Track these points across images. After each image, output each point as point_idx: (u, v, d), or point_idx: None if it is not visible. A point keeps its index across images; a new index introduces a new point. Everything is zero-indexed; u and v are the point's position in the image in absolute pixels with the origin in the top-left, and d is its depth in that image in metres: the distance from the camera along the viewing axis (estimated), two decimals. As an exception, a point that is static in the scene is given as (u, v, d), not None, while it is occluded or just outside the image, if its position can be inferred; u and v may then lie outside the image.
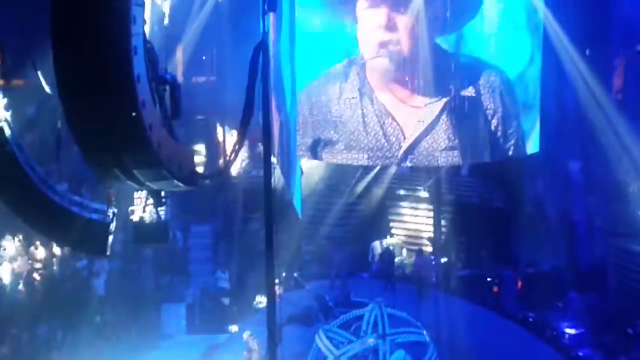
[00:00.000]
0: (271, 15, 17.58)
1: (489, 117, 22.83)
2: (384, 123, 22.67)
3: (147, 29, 9.41)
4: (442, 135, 22.67)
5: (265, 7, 17.49)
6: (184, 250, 27.23)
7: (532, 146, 24.03)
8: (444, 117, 22.56)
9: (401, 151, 22.86)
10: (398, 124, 22.66)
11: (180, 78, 27.17)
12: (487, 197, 28.40)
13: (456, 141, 22.66)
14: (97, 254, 15.39)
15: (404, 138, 22.72)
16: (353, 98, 22.63)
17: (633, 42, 25.84)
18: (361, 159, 23.16)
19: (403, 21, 22.26)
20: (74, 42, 8.08)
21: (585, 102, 25.86)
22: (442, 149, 22.77)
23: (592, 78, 25.26)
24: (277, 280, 19.74)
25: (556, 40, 23.98)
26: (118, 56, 8.12)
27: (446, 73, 22.49)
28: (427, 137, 22.66)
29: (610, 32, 26.45)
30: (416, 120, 22.63)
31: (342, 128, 22.80)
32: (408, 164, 23.46)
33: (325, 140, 22.96)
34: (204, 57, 31.04)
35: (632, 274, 24.80)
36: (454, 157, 23.01)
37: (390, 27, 22.33)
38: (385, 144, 22.81)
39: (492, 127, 22.92)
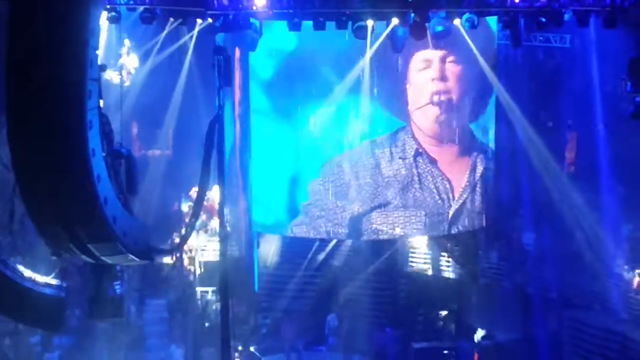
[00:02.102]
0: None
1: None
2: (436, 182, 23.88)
3: (102, 103, 9.45)
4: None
5: (221, 81, 17.74)
6: (139, 325, 26.87)
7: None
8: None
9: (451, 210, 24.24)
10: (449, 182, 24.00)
11: (135, 152, 27.20)
12: (442, 269, 28.45)
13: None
14: (52, 330, 15.19)
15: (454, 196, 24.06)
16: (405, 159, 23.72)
17: (585, 116, 26.27)
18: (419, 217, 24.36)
19: (452, 70, 23.23)
20: (28, 116, 8.06)
21: (539, 174, 26.22)
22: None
23: (544, 151, 25.66)
24: (234, 355, 19.57)
25: (510, 113, 24.41)
26: (73, 130, 8.13)
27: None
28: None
29: (562, 106, 26.92)
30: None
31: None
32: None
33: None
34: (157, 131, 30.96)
35: (587, 345, 24.88)
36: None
37: (442, 77, 23.32)
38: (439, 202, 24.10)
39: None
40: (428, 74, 23.45)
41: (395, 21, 19.02)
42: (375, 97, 23.25)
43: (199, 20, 20.19)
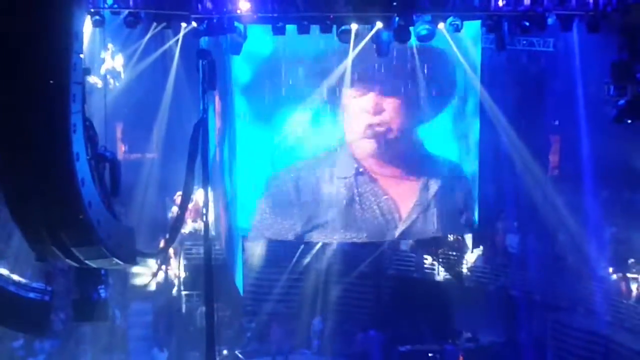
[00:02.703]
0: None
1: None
2: (380, 201, 23.26)
3: (86, 107, 9.45)
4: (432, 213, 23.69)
5: (205, 85, 17.74)
6: (123, 329, 26.81)
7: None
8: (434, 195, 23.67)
9: (397, 231, 23.74)
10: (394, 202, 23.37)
11: (120, 155, 27.17)
12: (427, 272, 28.53)
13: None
14: (37, 334, 15.16)
15: (400, 217, 23.43)
16: (346, 178, 23.13)
17: (568, 119, 26.40)
18: (361, 238, 23.88)
19: (389, 104, 22.86)
20: (11, 120, 8.06)
21: (523, 177, 26.35)
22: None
23: (528, 154, 25.78)
24: (218, 358, 19.54)
25: (493, 116, 24.49)
26: (57, 134, 8.13)
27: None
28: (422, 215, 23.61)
29: (545, 109, 27.05)
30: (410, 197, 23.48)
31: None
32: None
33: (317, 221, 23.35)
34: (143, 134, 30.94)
35: (570, 348, 24.99)
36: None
37: (378, 110, 22.90)
38: (383, 222, 23.52)
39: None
40: (363, 104, 23.15)
41: (379, 25, 19.04)
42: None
43: (183, 24, 20.18)
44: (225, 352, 25.40)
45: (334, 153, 23.25)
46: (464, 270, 28.09)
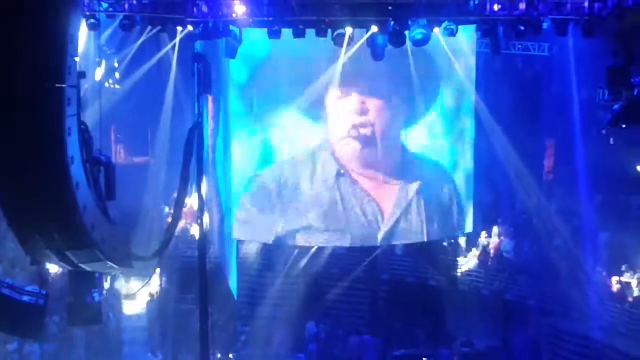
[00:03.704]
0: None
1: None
2: (362, 204, 23.22)
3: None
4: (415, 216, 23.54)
5: (201, 89, 17.76)
6: (117, 332, 26.79)
7: (467, 226, 24.45)
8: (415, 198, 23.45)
9: (381, 234, 23.61)
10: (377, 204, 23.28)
11: (114, 159, 27.16)
12: (422, 276, 28.51)
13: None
14: (32, 337, 15.17)
15: (383, 220, 23.30)
16: (327, 180, 23.09)
17: (563, 124, 26.43)
18: (344, 241, 23.86)
19: (374, 104, 22.81)
20: (7, 123, 8.06)
21: (518, 182, 26.39)
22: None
23: (524, 159, 25.84)
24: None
25: (487, 120, 24.52)
26: (52, 138, 8.12)
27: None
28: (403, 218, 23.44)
29: (540, 114, 27.07)
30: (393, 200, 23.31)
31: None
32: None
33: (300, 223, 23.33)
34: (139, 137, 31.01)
35: (565, 353, 24.98)
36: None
37: (363, 111, 22.84)
38: (366, 225, 23.49)
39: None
40: (347, 105, 23.09)
41: (374, 29, 19.07)
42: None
43: (179, 28, 20.22)
44: (219, 355, 25.37)
45: (316, 154, 23.18)
46: (459, 274, 28.09)
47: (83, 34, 18.59)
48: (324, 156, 23.15)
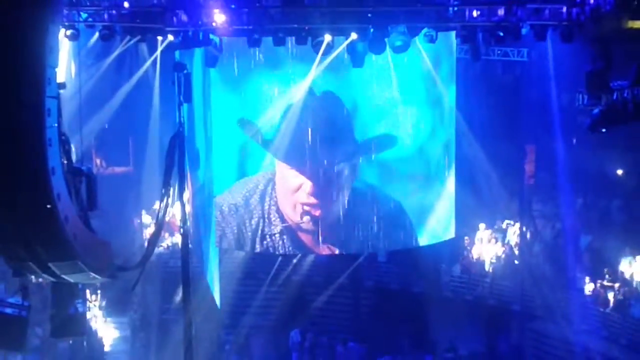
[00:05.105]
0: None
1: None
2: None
3: (62, 121, 9.43)
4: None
5: (181, 98, 17.75)
6: (101, 343, 26.71)
7: (448, 233, 24.38)
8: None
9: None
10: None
11: (95, 169, 27.11)
12: (405, 283, 28.56)
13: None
14: (14, 349, 15.06)
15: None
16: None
17: (543, 129, 26.55)
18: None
19: None
20: (-13, 135, 8.04)
21: (499, 187, 26.51)
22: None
23: (504, 165, 25.95)
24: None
25: (467, 129, 24.61)
26: (32, 149, 8.10)
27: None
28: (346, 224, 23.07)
29: (520, 119, 27.17)
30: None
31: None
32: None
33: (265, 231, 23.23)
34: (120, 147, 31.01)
35: (549, 357, 25.12)
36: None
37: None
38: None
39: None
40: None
41: (354, 36, 19.10)
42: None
43: (159, 38, 20.22)
44: (203, 365, 25.33)
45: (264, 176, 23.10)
46: (442, 280, 28.15)
47: (63, 45, 18.57)
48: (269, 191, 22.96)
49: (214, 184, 23.08)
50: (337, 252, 23.58)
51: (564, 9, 18.45)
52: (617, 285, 24.82)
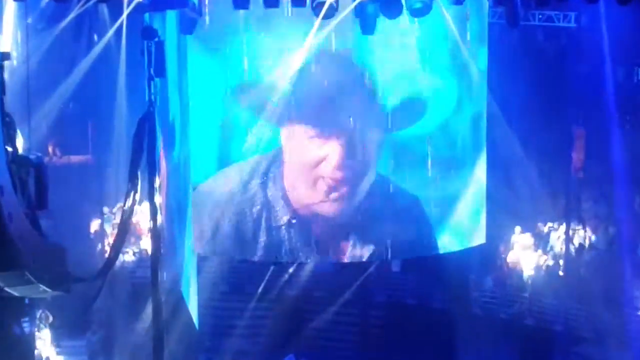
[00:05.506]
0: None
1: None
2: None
3: (6, 99, 9.47)
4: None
5: (152, 71, 17.76)
6: (54, 370, 26.86)
7: (478, 237, 24.38)
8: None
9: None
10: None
11: (47, 158, 27.14)
12: (424, 297, 28.63)
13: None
14: None
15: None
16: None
17: (594, 109, 26.56)
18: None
19: None
20: None
21: (541, 181, 26.52)
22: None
23: (545, 154, 25.95)
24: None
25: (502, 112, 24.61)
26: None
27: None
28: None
29: (566, 98, 27.18)
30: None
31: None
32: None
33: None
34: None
35: (600, 388, 25.20)
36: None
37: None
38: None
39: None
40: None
41: (363, -5, 19.11)
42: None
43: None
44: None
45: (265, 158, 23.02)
46: (470, 295, 28.22)
47: (9, 9, 18.61)
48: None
49: (192, 170, 23.02)
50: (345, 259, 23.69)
51: (621, -37, 18.47)
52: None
